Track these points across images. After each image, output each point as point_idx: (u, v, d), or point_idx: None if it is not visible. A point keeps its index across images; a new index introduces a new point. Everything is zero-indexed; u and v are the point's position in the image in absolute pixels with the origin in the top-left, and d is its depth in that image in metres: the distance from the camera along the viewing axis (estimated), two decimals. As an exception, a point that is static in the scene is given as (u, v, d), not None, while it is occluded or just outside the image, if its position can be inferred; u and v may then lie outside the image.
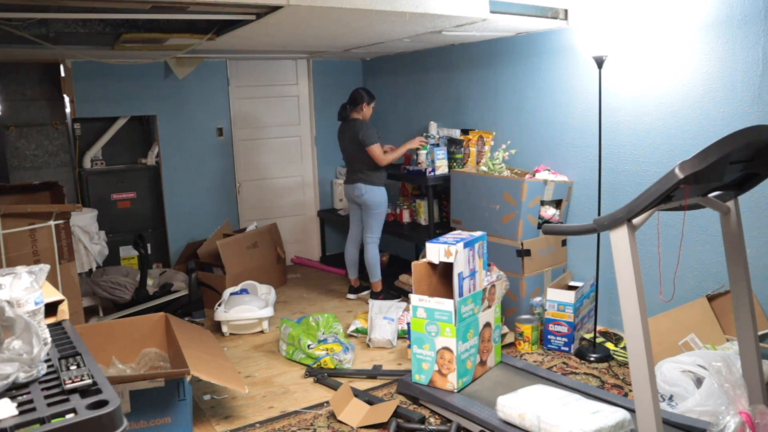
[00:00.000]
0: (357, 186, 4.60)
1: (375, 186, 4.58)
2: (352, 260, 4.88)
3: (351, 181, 4.68)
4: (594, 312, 3.74)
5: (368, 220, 4.66)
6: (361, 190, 4.59)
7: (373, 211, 4.62)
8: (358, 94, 4.65)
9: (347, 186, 4.74)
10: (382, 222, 4.70)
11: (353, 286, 4.93)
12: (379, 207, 4.63)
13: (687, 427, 2.54)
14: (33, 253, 3.36)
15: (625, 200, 2.40)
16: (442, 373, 3.05)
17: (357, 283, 4.93)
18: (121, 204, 5.29)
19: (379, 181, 4.60)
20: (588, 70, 3.75)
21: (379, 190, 4.60)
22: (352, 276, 4.92)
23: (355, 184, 4.62)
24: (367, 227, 4.69)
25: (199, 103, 5.39)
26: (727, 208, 2.28)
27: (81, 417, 1.15)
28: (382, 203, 4.65)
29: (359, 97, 4.63)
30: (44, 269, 1.70)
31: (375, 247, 4.70)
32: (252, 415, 3.08)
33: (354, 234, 4.84)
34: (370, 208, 4.62)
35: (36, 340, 1.35)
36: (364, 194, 4.58)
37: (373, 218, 4.64)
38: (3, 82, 4.93)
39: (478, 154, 4.56)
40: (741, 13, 3.01)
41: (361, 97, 4.63)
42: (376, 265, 4.71)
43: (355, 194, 4.64)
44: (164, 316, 3.40)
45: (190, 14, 3.14)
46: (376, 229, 4.68)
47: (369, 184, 4.57)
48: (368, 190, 4.57)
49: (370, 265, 4.70)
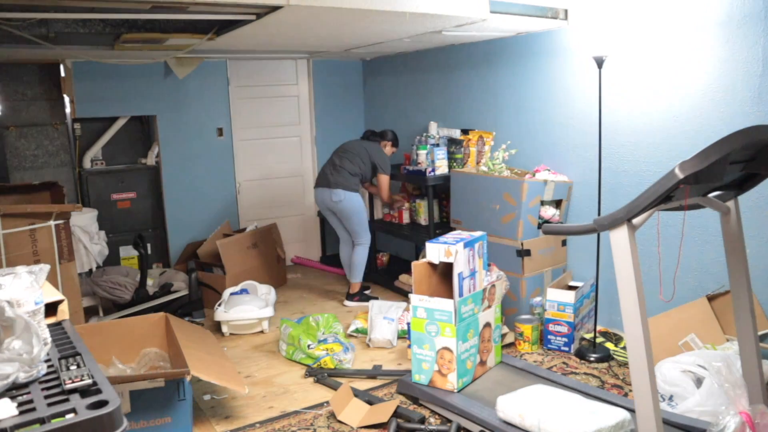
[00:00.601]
0: (336, 192, 4.51)
1: (353, 192, 4.55)
2: (347, 263, 4.83)
3: (328, 185, 4.55)
4: (594, 312, 3.74)
5: (351, 227, 4.61)
6: (340, 195, 4.51)
7: (352, 218, 4.57)
8: (389, 132, 4.84)
9: (322, 190, 4.60)
10: (366, 225, 4.65)
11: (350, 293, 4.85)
12: (359, 213, 4.58)
13: (687, 427, 2.54)
14: (33, 253, 3.36)
15: (625, 200, 2.40)
16: (442, 373, 3.05)
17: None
18: (121, 204, 5.29)
19: (356, 187, 4.58)
20: (588, 70, 3.74)
21: (356, 196, 4.57)
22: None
23: (333, 189, 4.52)
24: (354, 234, 4.64)
25: (199, 103, 5.39)
26: (727, 208, 2.28)
27: (81, 417, 1.15)
28: (361, 209, 4.61)
29: (389, 134, 4.82)
30: (44, 269, 1.70)
31: (365, 249, 4.67)
32: (252, 415, 3.08)
33: (344, 237, 4.80)
34: (349, 215, 4.56)
35: (36, 340, 1.35)
36: (343, 200, 4.51)
37: (356, 224, 4.60)
38: (3, 82, 4.93)
39: (478, 154, 4.55)
40: (741, 13, 3.01)
41: (390, 136, 4.81)
42: (360, 266, 4.67)
43: (332, 200, 4.54)
44: (164, 316, 3.40)
45: (190, 14, 3.14)
46: (362, 233, 4.64)
47: (348, 190, 4.52)
48: (347, 196, 4.52)
49: (354, 266, 4.67)
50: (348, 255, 4.80)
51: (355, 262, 4.66)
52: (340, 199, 4.52)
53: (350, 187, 4.54)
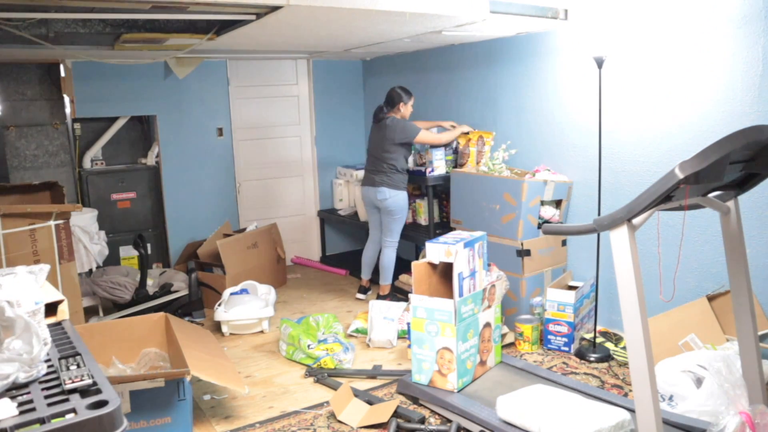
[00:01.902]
0: (380, 190, 4.48)
1: (399, 191, 4.49)
2: (368, 262, 4.83)
3: (373, 184, 4.55)
4: (594, 312, 3.74)
5: (389, 224, 4.57)
6: (385, 194, 4.48)
7: (394, 216, 4.53)
8: (395, 93, 4.51)
9: (367, 188, 4.62)
10: (401, 226, 4.61)
11: (364, 286, 4.90)
12: (401, 212, 4.54)
13: (687, 427, 2.54)
14: (33, 253, 3.36)
15: (625, 200, 2.40)
16: (442, 373, 3.05)
17: (368, 284, 4.91)
18: (121, 204, 5.29)
19: (402, 185, 4.51)
20: (588, 70, 3.75)
21: (402, 195, 4.51)
22: (365, 276, 4.88)
23: (378, 187, 4.50)
24: (387, 231, 4.60)
25: (199, 103, 5.39)
26: (727, 208, 2.28)
27: (81, 417, 1.15)
28: (404, 208, 4.56)
29: (396, 96, 4.50)
30: (44, 269, 1.70)
31: (393, 251, 4.64)
32: (252, 415, 3.08)
33: (375, 237, 4.77)
34: (392, 213, 4.52)
35: (36, 340, 1.35)
36: (388, 198, 4.48)
37: (394, 223, 4.55)
38: (3, 82, 4.93)
39: (478, 154, 4.55)
40: (741, 13, 3.01)
41: (398, 96, 4.49)
42: (389, 269, 4.65)
43: (377, 198, 4.53)
44: (164, 316, 3.40)
45: (190, 14, 3.14)
46: (396, 233, 4.60)
47: (393, 189, 4.47)
48: (392, 195, 4.47)
49: (384, 268, 4.65)
50: (371, 255, 4.81)
51: (385, 265, 4.64)
52: (385, 197, 4.49)
53: (394, 184, 4.48)
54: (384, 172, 4.50)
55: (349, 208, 5.74)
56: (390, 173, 4.48)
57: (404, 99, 4.50)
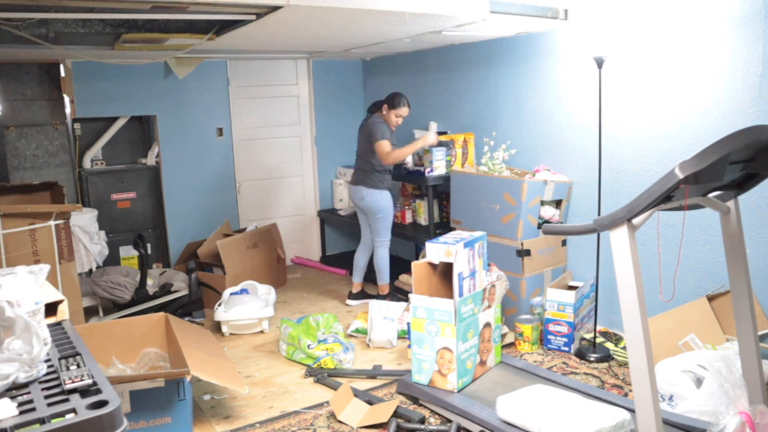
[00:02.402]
0: (358, 189, 4.48)
1: (376, 189, 4.43)
2: (358, 264, 4.76)
3: (354, 183, 4.56)
4: (594, 312, 3.74)
5: (373, 224, 4.55)
6: (362, 193, 4.46)
7: (376, 215, 4.48)
8: (388, 96, 4.43)
9: (351, 187, 4.64)
10: (388, 225, 4.56)
11: (352, 292, 4.81)
12: (382, 211, 4.48)
13: (687, 427, 2.54)
14: (33, 253, 3.36)
15: (625, 200, 2.40)
16: (442, 373, 3.05)
17: (358, 288, 4.80)
18: (121, 204, 5.29)
19: (381, 184, 4.46)
20: (588, 70, 3.75)
21: (380, 194, 4.45)
22: (356, 279, 4.81)
23: (356, 186, 4.51)
24: (374, 231, 4.57)
25: (199, 103, 5.39)
26: (727, 208, 2.28)
27: (81, 417, 1.15)
28: (385, 207, 4.48)
29: (387, 98, 4.42)
30: (44, 269, 1.70)
31: (384, 250, 4.59)
32: (252, 415, 3.08)
33: (366, 239, 4.73)
34: (373, 212, 4.49)
35: (36, 340, 1.35)
36: (365, 198, 4.45)
37: (377, 222, 4.51)
38: (3, 82, 4.93)
39: (463, 156, 4.59)
40: (741, 13, 3.01)
41: (387, 99, 4.41)
42: (384, 268, 4.62)
43: (356, 197, 4.53)
44: (164, 316, 3.40)
45: (190, 14, 3.14)
46: (383, 233, 4.55)
47: (371, 188, 4.43)
48: (369, 194, 4.44)
49: (379, 268, 4.62)
50: (362, 258, 4.74)
51: (379, 265, 4.60)
52: (362, 197, 4.46)
53: (371, 183, 4.43)
54: (363, 171, 4.49)
55: (349, 208, 5.73)
56: (368, 172, 4.46)
57: (390, 103, 4.39)
